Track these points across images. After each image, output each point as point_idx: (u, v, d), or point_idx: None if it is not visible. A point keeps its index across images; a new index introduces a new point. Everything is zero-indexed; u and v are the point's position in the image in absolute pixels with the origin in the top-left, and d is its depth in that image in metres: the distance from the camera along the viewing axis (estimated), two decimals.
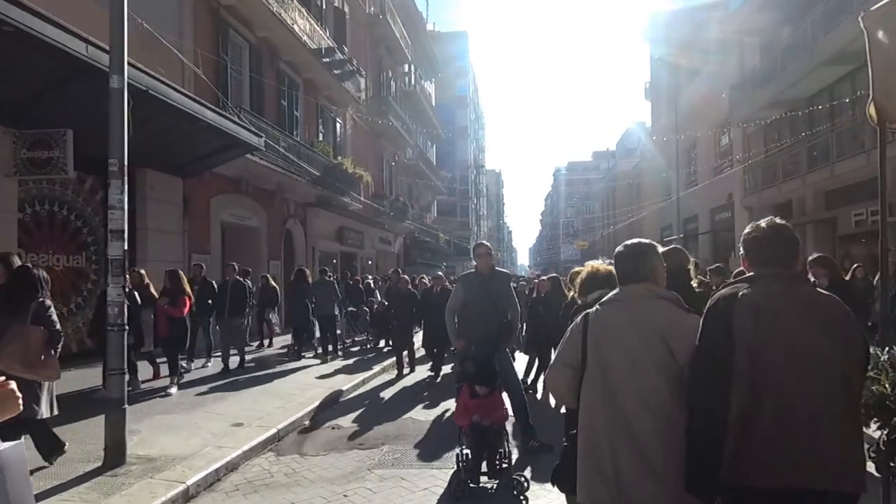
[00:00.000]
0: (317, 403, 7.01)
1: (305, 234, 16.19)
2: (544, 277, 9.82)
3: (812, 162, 15.55)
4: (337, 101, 18.29)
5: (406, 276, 10.22)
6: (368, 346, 12.68)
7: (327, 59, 16.31)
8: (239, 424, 5.89)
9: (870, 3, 12.46)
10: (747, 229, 2.09)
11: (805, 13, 15.77)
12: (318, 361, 10.21)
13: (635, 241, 2.45)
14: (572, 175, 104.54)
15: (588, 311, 2.36)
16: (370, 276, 16.34)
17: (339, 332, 12.24)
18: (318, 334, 10.92)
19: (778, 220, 2.05)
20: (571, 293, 5.28)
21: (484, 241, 5.56)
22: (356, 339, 13.37)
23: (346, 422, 6.53)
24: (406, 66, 29.64)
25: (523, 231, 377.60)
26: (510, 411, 4.90)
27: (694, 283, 4.17)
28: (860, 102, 14.36)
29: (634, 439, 2.03)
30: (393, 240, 25.89)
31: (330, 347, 10.78)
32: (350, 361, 10.55)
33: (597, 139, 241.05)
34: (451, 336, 5.22)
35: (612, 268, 2.98)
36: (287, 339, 12.19)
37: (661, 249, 2.71)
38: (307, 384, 8.25)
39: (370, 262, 22.35)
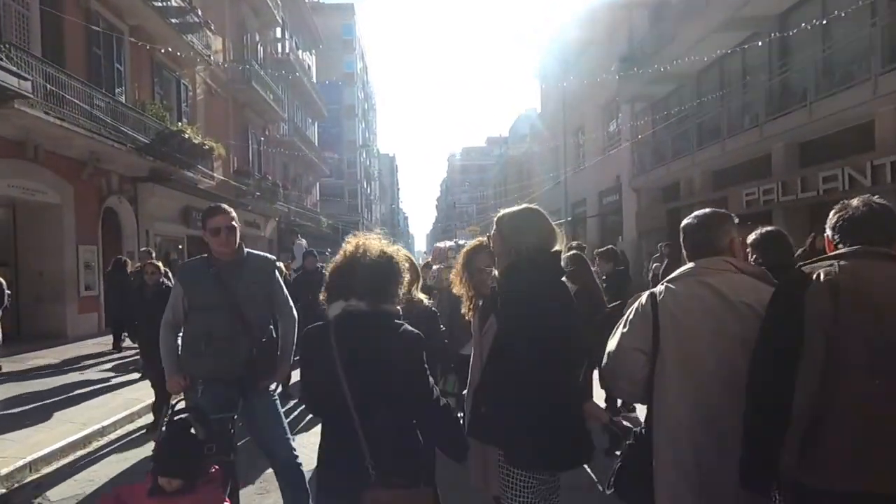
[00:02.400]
0: (37, 455, 4.58)
1: (137, 215, 13.07)
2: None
3: (702, 139, 15.01)
4: (181, 59, 15.16)
5: (157, 263, 6.07)
6: None
7: (160, 4, 13.22)
8: None
9: None
10: (836, 208, 1.80)
11: None
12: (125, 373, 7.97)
13: (708, 210, 2.14)
14: (467, 161, 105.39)
15: (652, 290, 2.06)
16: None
17: None
18: None
19: (877, 199, 1.76)
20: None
21: (222, 205, 3.09)
22: None
23: (69, 487, 4.17)
24: (278, 31, 26.46)
25: (421, 217, 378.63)
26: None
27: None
28: (751, 72, 13.89)
29: (721, 434, 1.81)
30: (263, 223, 22.90)
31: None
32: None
33: (491, 125, 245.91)
34: (165, 369, 3.05)
35: (394, 250, 2.04)
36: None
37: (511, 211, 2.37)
38: (51, 421, 5.57)
39: None
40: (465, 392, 2.67)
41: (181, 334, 3.02)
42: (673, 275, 2.06)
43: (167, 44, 14.00)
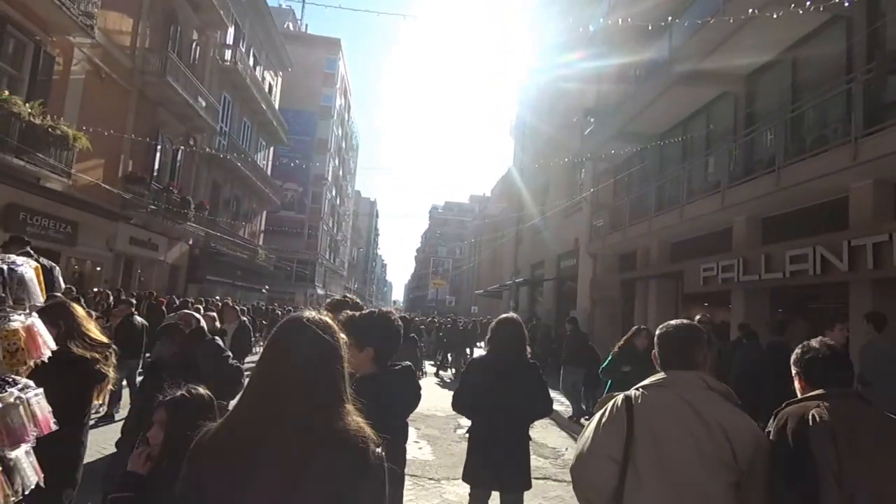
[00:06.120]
0: None
1: None
2: None
3: (661, 205, 12.38)
4: (46, 23, 12.46)
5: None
6: None
7: None
8: None
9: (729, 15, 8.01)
10: (801, 348, 2.01)
11: (665, 33, 12.92)
12: None
13: (685, 323, 2.17)
14: (448, 215, 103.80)
15: (627, 393, 2.01)
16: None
17: None
18: None
19: (829, 341, 1.96)
20: None
21: None
22: None
23: None
24: (227, 37, 24.16)
25: (401, 267, 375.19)
26: None
27: None
28: (717, 135, 11.52)
29: None
30: (166, 245, 19.66)
31: None
32: None
33: (476, 183, 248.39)
34: None
35: None
36: None
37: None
38: None
39: (98, 269, 16.00)
40: None
41: None
42: (646, 382, 2.01)
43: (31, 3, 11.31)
